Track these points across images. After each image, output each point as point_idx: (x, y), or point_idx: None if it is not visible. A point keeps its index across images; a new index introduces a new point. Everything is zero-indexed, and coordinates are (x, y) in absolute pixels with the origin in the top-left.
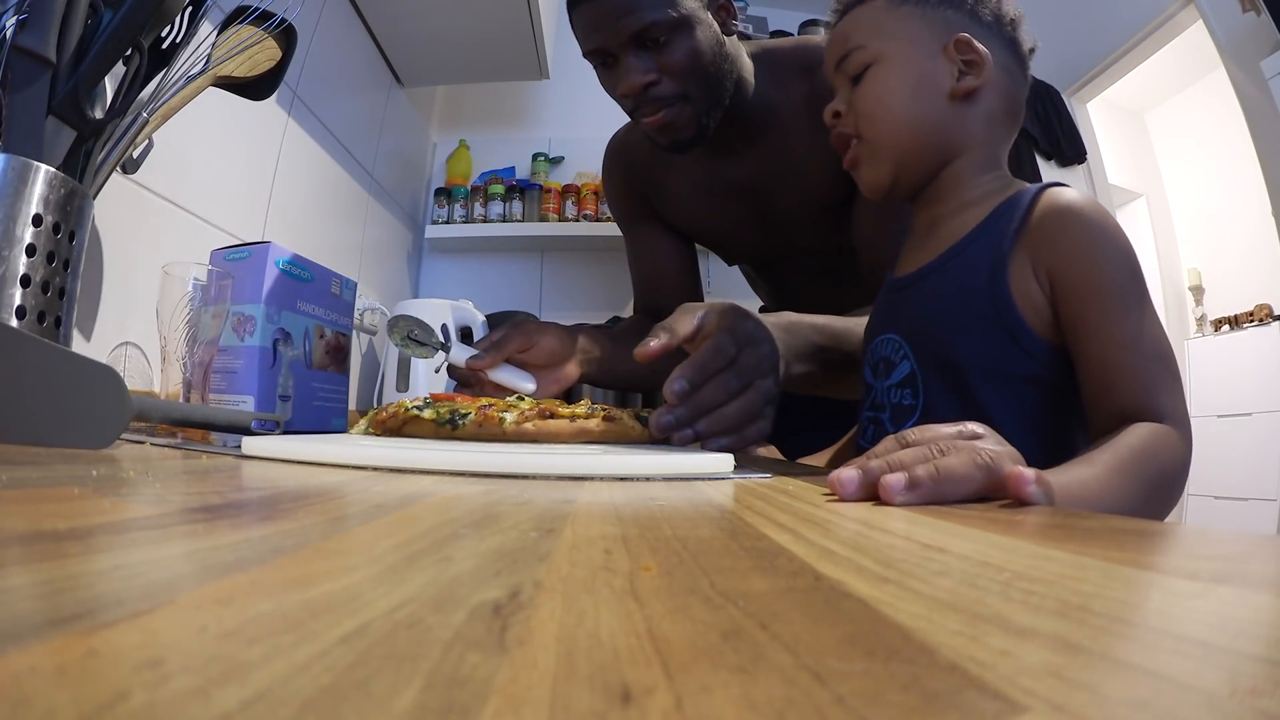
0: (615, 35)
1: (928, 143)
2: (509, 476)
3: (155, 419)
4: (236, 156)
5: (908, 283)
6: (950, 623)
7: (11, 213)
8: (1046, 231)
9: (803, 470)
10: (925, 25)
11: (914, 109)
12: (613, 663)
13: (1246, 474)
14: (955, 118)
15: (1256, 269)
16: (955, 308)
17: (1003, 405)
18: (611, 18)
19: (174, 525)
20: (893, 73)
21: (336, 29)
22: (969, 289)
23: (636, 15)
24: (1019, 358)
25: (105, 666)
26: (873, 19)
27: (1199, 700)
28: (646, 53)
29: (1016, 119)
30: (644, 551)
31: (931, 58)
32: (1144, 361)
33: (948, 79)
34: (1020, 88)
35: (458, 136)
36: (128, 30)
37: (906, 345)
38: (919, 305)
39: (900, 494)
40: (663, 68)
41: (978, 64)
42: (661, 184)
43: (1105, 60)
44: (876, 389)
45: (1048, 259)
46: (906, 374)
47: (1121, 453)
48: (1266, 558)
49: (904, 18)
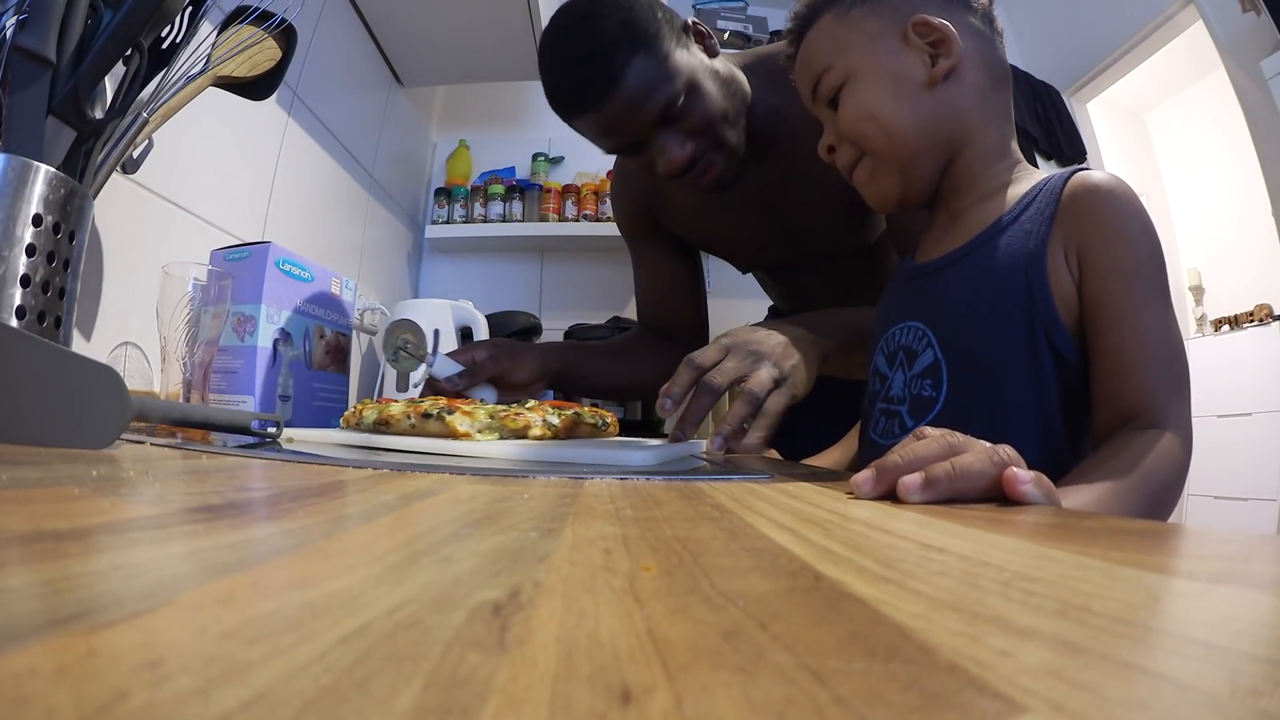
0: (638, 129)
1: (925, 141)
2: (489, 473)
3: (155, 419)
4: (236, 156)
5: (930, 269)
6: (950, 623)
7: (11, 213)
8: (1076, 211)
9: (803, 470)
10: (878, 21)
11: (899, 111)
12: (613, 663)
13: (1246, 474)
14: (944, 106)
15: (1256, 269)
16: (990, 296)
17: (1027, 400)
18: (625, 115)
19: (174, 525)
20: (866, 83)
21: (336, 29)
22: (1005, 277)
23: (650, 101)
24: (1047, 353)
25: (105, 666)
26: (828, 37)
27: (1199, 700)
28: (671, 127)
29: (1005, 81)
30: (644, 551)
31: (896, 52)
32: (1157, 361)
33: (921, 68)
34: (995, 47)
35: (458, 136)
36: (128, 30)
37: (931, 334)
38: (948, 292)
39: (916, 494)
40: (691, 133)
41: (944, 41)
42: (670, 201)
43: (1105, 60)
44: (894, 380)
45: (1077, 239)
46: (929, 363)
47: (1120, 472)
48: (1266, 558)
49: (855, 23)
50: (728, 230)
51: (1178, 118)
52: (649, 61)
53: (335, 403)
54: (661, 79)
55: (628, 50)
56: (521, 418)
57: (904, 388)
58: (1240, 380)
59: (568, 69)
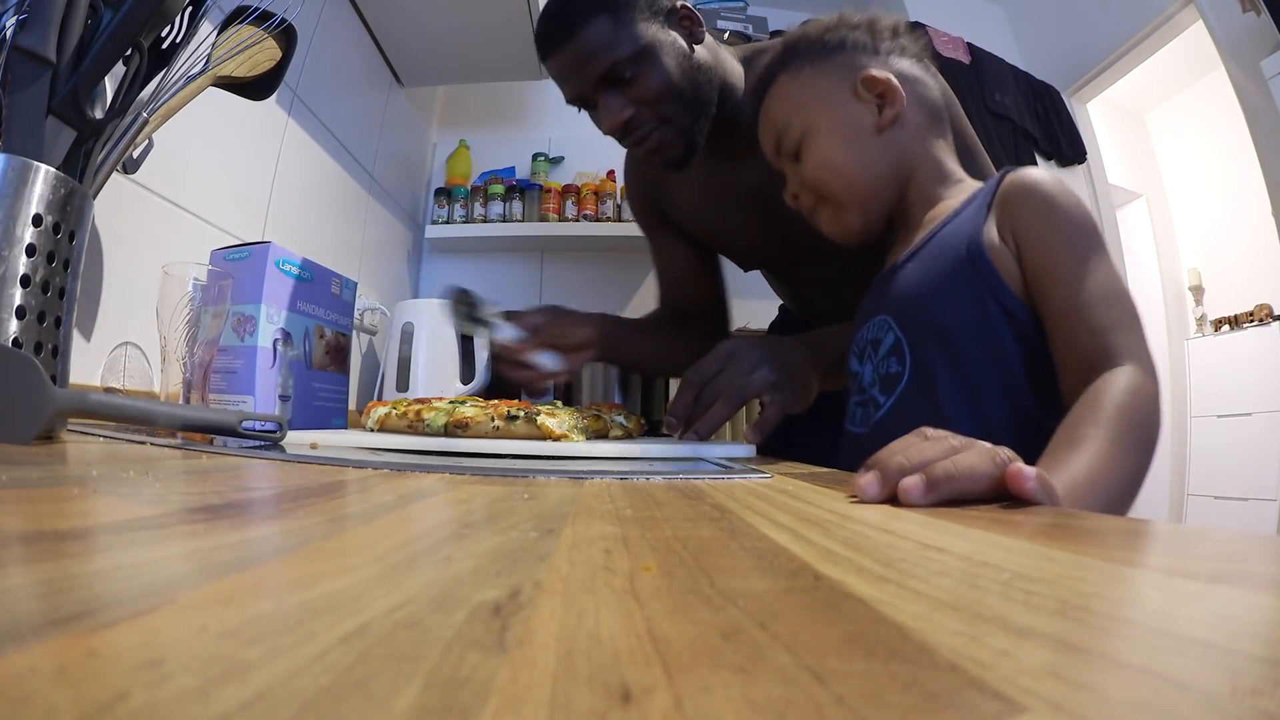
0: (584, 81)
1: (878, 181)
2: (489, 473)
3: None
4: (236, 156)
5: (889, 272)
6: (950, 623)
7: (11, 213)
8: (1010, 201)
9: (803, 470)
10: (828, 80)
11: (856, 158)
12: (613, 663)
13: (1246, 474)
14: (892, 148)
15: (1256, 269)
16: (939, 277)
17: (990, 363)
18: (576, 66)
19: (174, 525)
20: (824, 136)
21: (336, 29)
22: (951, 259)
23: (598, 59)
24: (1001, 317)
25: (105, 666)
26: (786, 98)
27: (1199, 700)
28: (618, 90)
29: (940, 114)
30: (644, 551)
31: (847, 104)
32: (1101, 304)
33: (870, 117)
34: (929, 86)
35: (458, 136)
36: (128, 30)
37: (891, 320)
38: (904, 283)
39: (919, 498)
40: (636, 100)
41: (888, 91)
42: (672, 195)
43: (1105, 60)
44: (864, 372)
45: (1012, 224)
46: (892, 344)
47: (1104, 423)
48: (1266, 558)
49: (808, 82)
50: (726, 226)
51: (1178, 118)
52: (607, 23)
53: (335, 403)
54: (615, 42)
55: (592, 10)
56: (600, 419)
57: (873, 373)
58: (1240, 380)
59: (545, 15)
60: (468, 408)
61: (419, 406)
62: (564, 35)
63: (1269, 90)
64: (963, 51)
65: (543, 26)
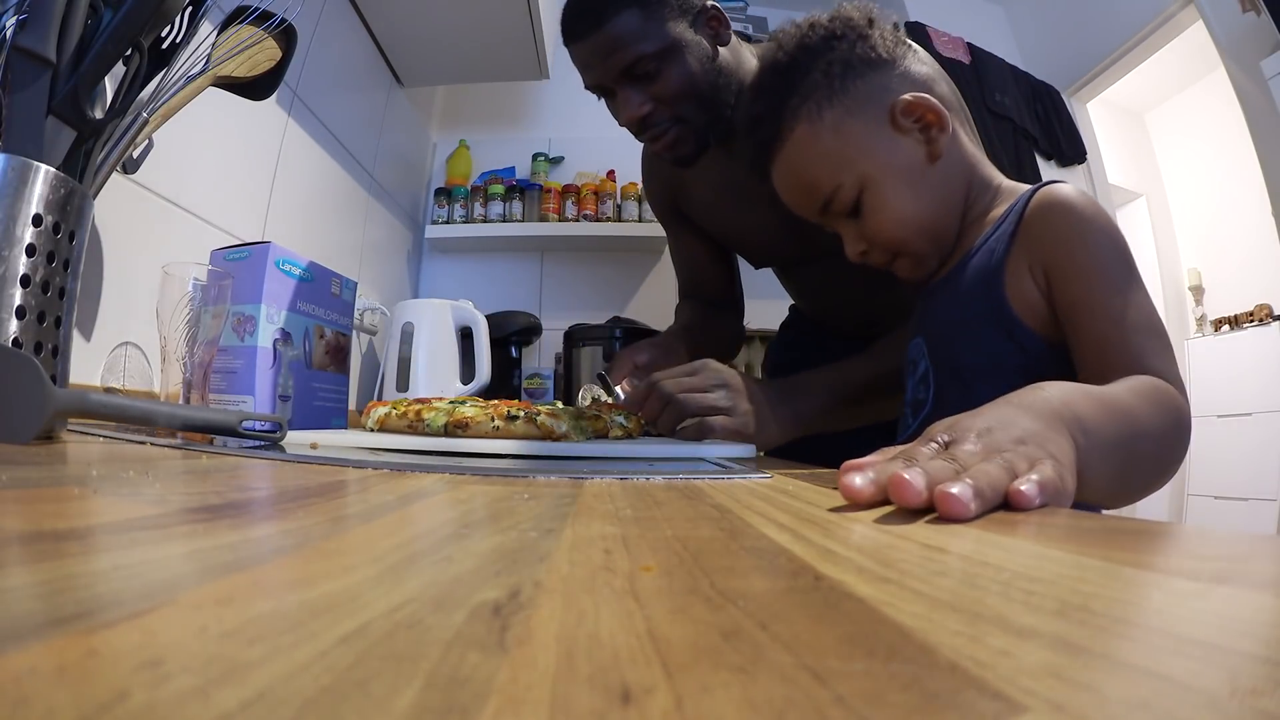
0: (607, 72)
1: (949, 214)
2: (489, 473)
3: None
4: (236, 156)
5: (930, 291)
6: (950, 623)
7: (11, 213)
8: (1037, 229)
9: (803, 470)
10: (862, 122)
11: (924, 202)
12: (613, 663)
13: (1246, 474)
14: (949, 172)
15: (1256, 269)
16: (958, 315)
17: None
18: (600, 55)
19: (174, 525)
20: (886, 189)
21: (336, 29)
22: (969, 298)
23: (624, 51)
24: (1012, 352)
25: (105, 666)
26: (821, 156)
27: (1199, 700)
28: (639, 84)
29: (964, 110)
30: (644, 551)
31: (894, 144)
32: (1135, 334)
33: (920, 148)
34: (942, 83)
35: (458, 136)
36: (128, 30)
37: (925, 345)
38: (935, 313)
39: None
40: (656, 97)
41: (929, 114)
42: (687, 190)
43: (1105, 60)
44: (909, 385)
45: (1040, 254)
46: (924, 371)
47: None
48: (1266, 558)
49: (838, 129)
50: (739, 224)
51: (1178, 118)
52: (637, 17)
53: (335, 403)
54: (641, 36)
55: (624, 1)
56: (600, 419)
57: (911, 391)
58: (1240, 380)
59: None
60: (468, 408)
61: (419, 406)
62: (592, 23)
63: (1269, 90)
64: (963, 51)
65: (571, 10)
